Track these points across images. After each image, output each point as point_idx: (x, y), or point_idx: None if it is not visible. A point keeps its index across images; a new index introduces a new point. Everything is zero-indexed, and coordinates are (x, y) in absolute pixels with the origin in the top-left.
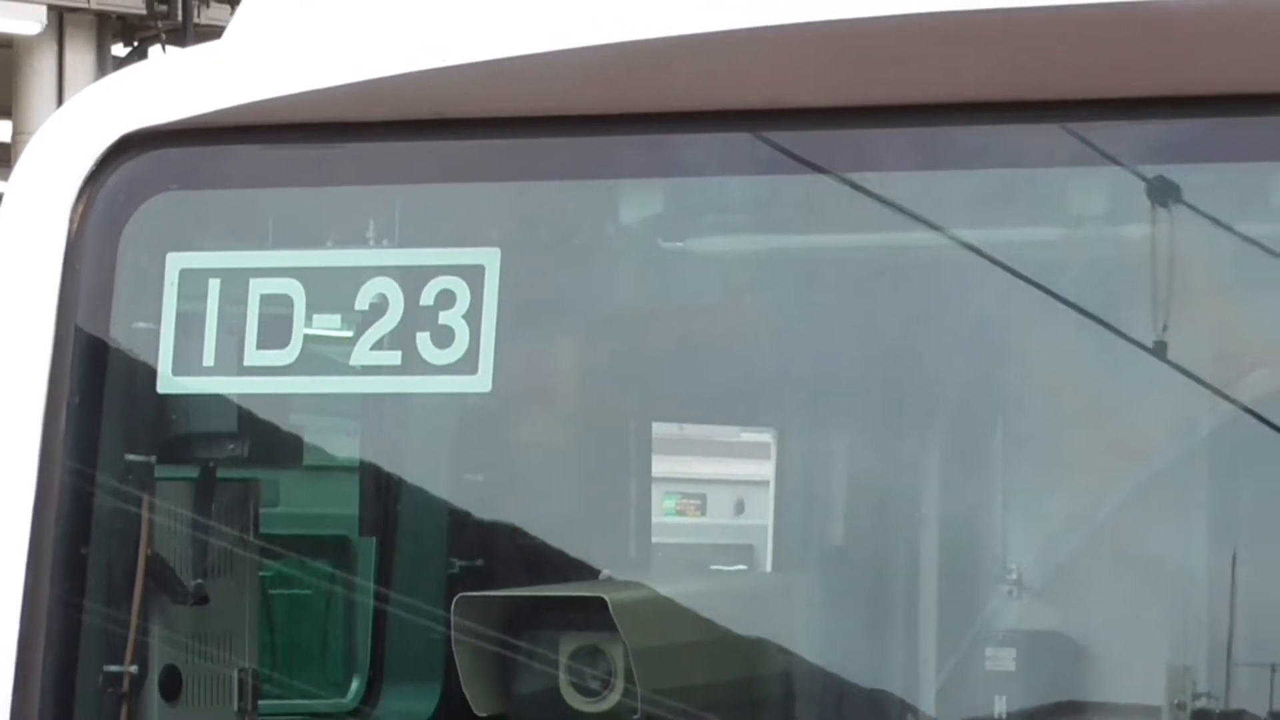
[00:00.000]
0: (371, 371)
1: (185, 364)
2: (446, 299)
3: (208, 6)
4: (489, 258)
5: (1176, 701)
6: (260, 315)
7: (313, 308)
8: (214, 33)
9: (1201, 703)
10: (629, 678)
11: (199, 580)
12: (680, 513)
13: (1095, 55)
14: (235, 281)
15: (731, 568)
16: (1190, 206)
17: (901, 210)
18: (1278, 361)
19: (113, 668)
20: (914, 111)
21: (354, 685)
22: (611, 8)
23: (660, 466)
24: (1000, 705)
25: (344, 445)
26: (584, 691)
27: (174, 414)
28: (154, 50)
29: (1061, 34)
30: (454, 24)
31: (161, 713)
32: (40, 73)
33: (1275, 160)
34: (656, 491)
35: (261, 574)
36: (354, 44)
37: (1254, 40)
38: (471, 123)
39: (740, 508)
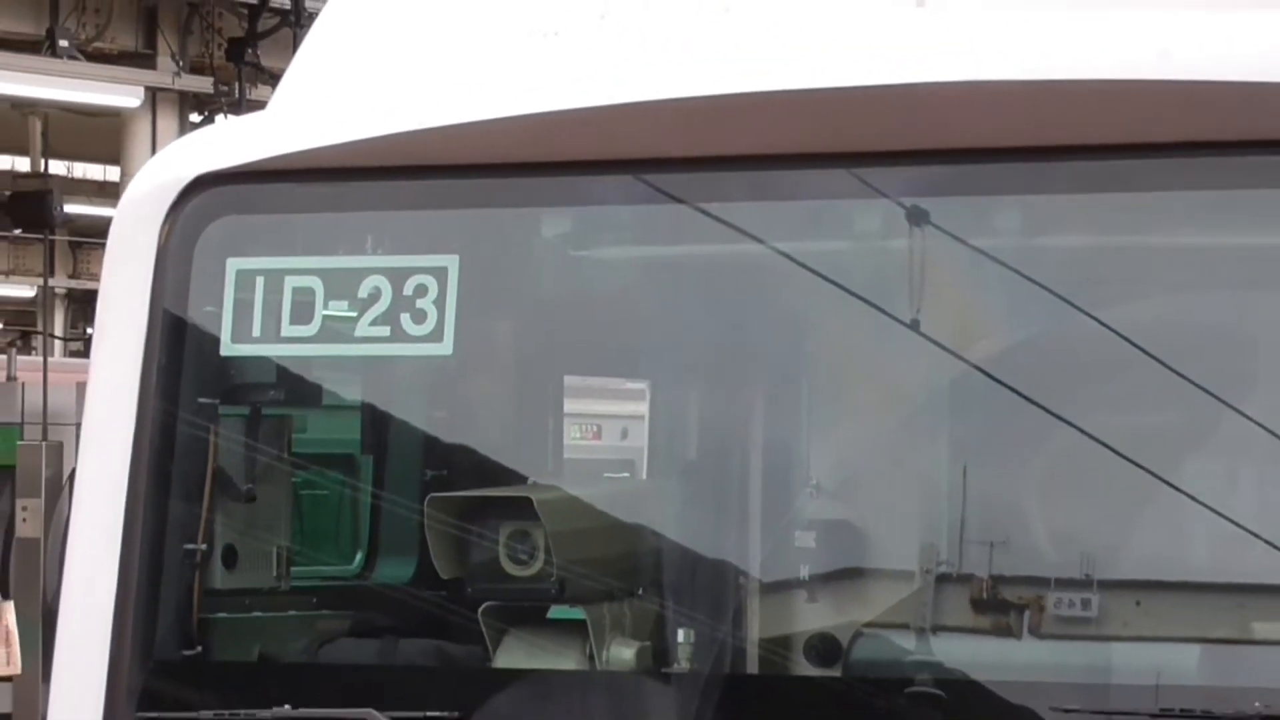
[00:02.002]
0: (369, 341)
1: (240, 335)
2: (421, 290)
3: (256, 87)
4: (451, 261)
5: (925, 568)
6: (292, 301)
7: (329, 296)
8: (261, 105)
9: (943, 569)
10: (548, 552)
11: (250, 485)
12: (583, 438)
13: (863, 121)
14: (274, 278)
15: (619, 476)
16: (935, 226)
17: (735, 228)
18: (994, 335)
19: (190, 545)
20: (742, 160)
21: (358, 557)
22: (531, 89)
23: (569, 406)
24: (804, 571)
25: (351, 391)
26: (516, 561)
27: (232, 370)
28: (219, 118)
29: (842, 107)
30: (424, 99)
31: (223, 577)
32: (139, 134)
33: (997, 194)
34: (567, 423)
35: (293, 480)
36: (354, 113)
37: (982, 108)
38: (439, 167)
39: (625, 434)
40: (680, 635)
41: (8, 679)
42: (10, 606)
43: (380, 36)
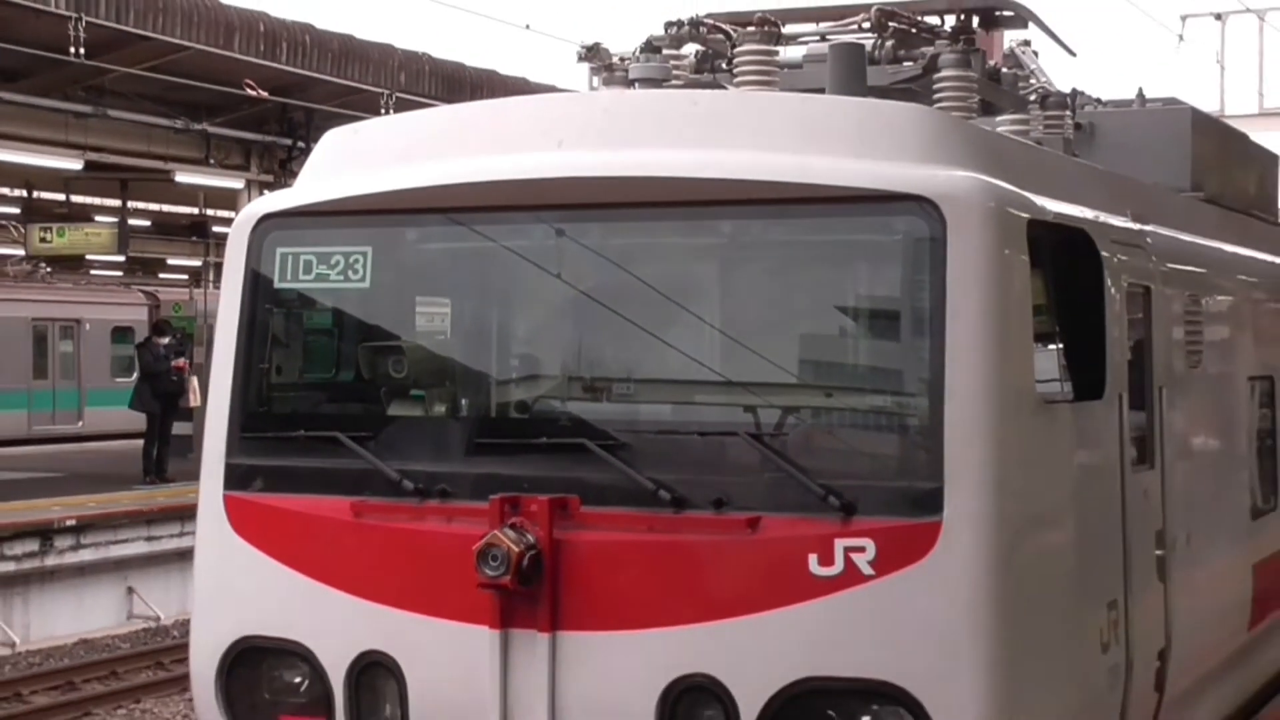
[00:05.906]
0: (335, 280)
1: (281, 279)
2: (356, 260)
3: (291, 180)
4: (369, 248)
5: (565, 375)
6: (302, 265)
7: (318, 263)
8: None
9: (571, 374)
10: (410, 368)
11: (286, 340)
12: (426, 322)
13: (534, 191)
14: (295, 256)
15: (439, 337)
16: (568, 236)
17: (485, 237)
18: (596, 280)
19: (262, 364)
20: (486, 208)
21: (332, 370)
22: (398, 180)
23: (419, 308)
24: (514, 375)
25: (328, 301)
26: (396, 371)
27: (278, 293)
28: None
29: (523, 186)
30: (352, 184)
31: (275, 378)
32: (242, 197)
33: (591, 222)
34: (417, 316)
35: (305, 338)
36: (325, 189)
37: (583, 187)
38: (361, 210)
39: (443, 321)
40: (464, 401)
41: (192, 409)
42: (195, 379)
43: (332, 161)
